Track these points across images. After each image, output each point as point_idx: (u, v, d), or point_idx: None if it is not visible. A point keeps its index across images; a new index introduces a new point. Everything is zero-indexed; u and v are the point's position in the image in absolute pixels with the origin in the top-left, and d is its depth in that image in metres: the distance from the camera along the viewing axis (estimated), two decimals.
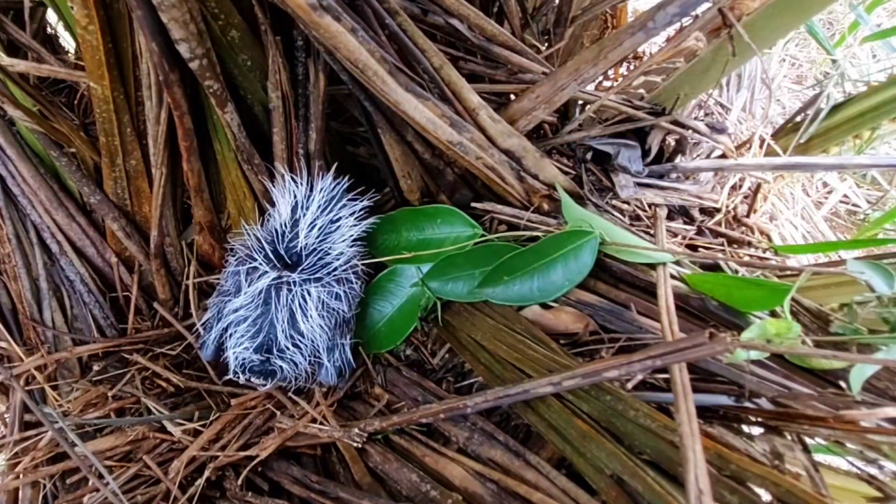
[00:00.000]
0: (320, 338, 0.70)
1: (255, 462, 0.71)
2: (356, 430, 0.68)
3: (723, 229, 0.93)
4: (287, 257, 0.71)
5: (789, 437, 0.55)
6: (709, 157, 1.03)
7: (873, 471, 0.51)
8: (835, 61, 1.29)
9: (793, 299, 0.62)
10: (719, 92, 1.20)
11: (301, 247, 0.70)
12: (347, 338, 0.74)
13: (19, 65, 0.75)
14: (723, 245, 0.91)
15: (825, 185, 1.55)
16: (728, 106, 1.19)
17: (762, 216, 1.01)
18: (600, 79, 1.19)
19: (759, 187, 0.99)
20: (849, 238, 1.44)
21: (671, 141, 0.93)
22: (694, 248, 0.88)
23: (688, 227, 0.91)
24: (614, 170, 0.87)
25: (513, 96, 0.86)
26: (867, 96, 0.91)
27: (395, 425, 0.67)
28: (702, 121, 0.94)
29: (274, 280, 0.69)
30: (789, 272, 0.79)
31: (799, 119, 1.01)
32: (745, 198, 1.00)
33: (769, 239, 0.97)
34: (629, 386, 0.62)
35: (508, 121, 0.77)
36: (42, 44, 0.86)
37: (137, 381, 0.84)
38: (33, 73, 0.81)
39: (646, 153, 0.89)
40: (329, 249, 0.71)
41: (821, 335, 0.62)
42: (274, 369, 0.71)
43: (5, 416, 0.83)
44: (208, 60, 0.66)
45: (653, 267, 0.68)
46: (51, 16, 0.93)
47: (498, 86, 0.84)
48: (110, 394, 0.82)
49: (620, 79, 1.23)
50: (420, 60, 0.71)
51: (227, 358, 0.71)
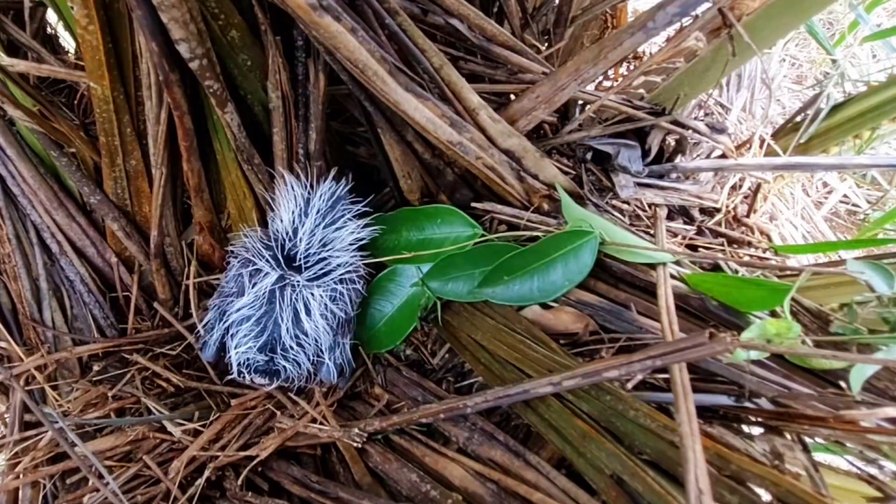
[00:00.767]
0: (323, 337, 0.70)
1: (255, 462, 0.71)
2: (356, 430, 0.68)
3: (723, 229, 0.93)
4: (290, 260, 0.71)
5: (789, 437, 0.55)
6: (709, 157, 1.03)
7: (873, 471, 0.51)
8: (835, 61, 1.29)
9: (793, 299, 0.62)
10: (719, 92, 1.20)
11: (301, 253, 0.71)
12: (348, 337, 0.74)
13: (19, 65, 0.74)
14: (723, 245, 0.91)
15: (825, 185, 1.55)
16: (728, 106, 1.19)
17: (762, 216, 1.01)
18: (600, 79, 1.19)
19: (759, 187, 0.99)
20: (849, 238, 1.44)
21: (671, 141, 0.93)
22: (694, 248, 0.88)
23: (688, 227, 0.91)
24: (614, 170, 0.87)
25: (513, 96, 0.86)
26: (867, 96, 0.91)
27: (395, 425, 0.67)
28: (702, 121, 0.94)
29: (277, 282, 0.69)
30: (789, 272, 0.79)
31: (799, 119, 1.01)
32: (745, 198, 1.00)
33: (769, 239, 0.97)
34: (629, 386, 0.62)
35: (508, 121, 0.77)
36: (42, 44, 0.86)
37: (137, 381, 0.84)
38: (33, 73, 0.81)
39: (646, 153, 0.89)
40: (330, 256, 0.72)
41: (821, 335, 0.62)
42: (277, 369, 0.71)
43: (5, 416, 0.83)
44: (208, 60, 0.66)
45: (653, 267, 0.68)
46: (51, 16, 0.93)
47: (498, 86, 0.84)
48: (110, 394, 0.82)
49: (620, 79, 1.23)
50: (420, 60, 0.71)
51: (229, 359, 0.71)
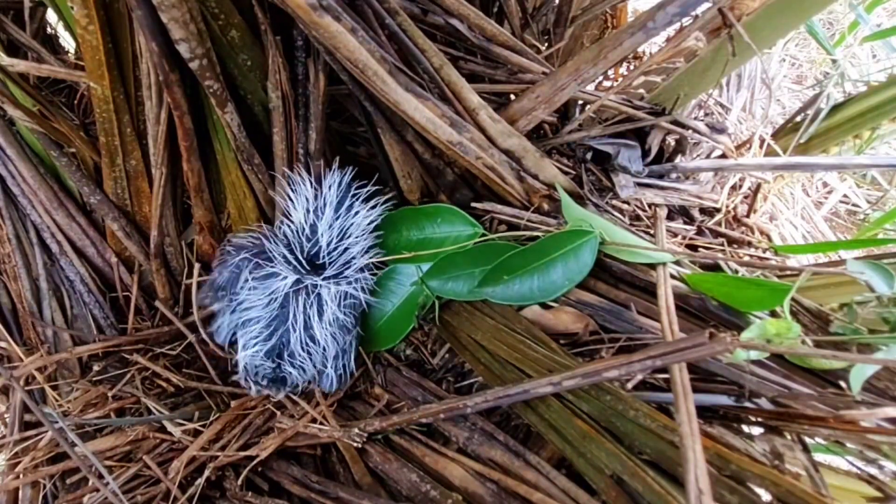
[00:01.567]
0: (331, 345, 0.70)
1: (255, 462, 0.71)
2: (356, 430, 0.68)
3: (723, 229, 0.93)
4: (307, 260, 0.71)
5: (789, 437, 0.55)
6: (709, 157, 1.03)
7: (873, 471, 0.51)
8: (835, 61, 1.29)
9: (793, 299, 0.62)
10: (719, 92, 1.20)
11: (322, 246, 0.71)
12: (354, 344, 0.74)
13: (19, 65, 0.74)
14: (723, 245, 0.91)
15: (825, 185, 1.55)
16: (728, 106, 1.19)
17: (762, 216, 1.01)
18: (600, 79, 1.19)
19: (759, 187, 0.99)
20: (849, 238, 1.44)
21: (671, 141, 0.93)
22: (694, 248, 0.88)
23: (688, 227, 0.91)
24: (614, 170, 0.87)
25: (513, 96, 0.86)
26: (867, 96, 0.91)
27: (395, 425, 0.67)
28: (702, 121, 0.94)
29: (294, 285, 0.69)
30: (789, 272, 0.79)
31: (799, 119, 1.01)
32: (745, 198, 1.00)
33: (769, 239, 0.97)
34: (629, 386, 0.62)
35: (508, 121, 0.77)
36: (42, 44, 0.86)
37: (137, 381, 0.84)
38: (33, 73, 0.81)
39: (646, 153, 0.89)
40: (349, 244, 0.72)
41: (821, 335, 0.62)
42: (284, 375, 0.71)
43: (5, 416, 0.83)
44: (208, 60, 0.66)
45: (653, 267, 0.68)
46: (51, 16, 0.93)
47: (498, 86, 0.84)
48: (110, 394, 0.82)
49: (620, 79, 1.23)
50: (420, 60, 0.71)
51: (235, 360, 0.72)
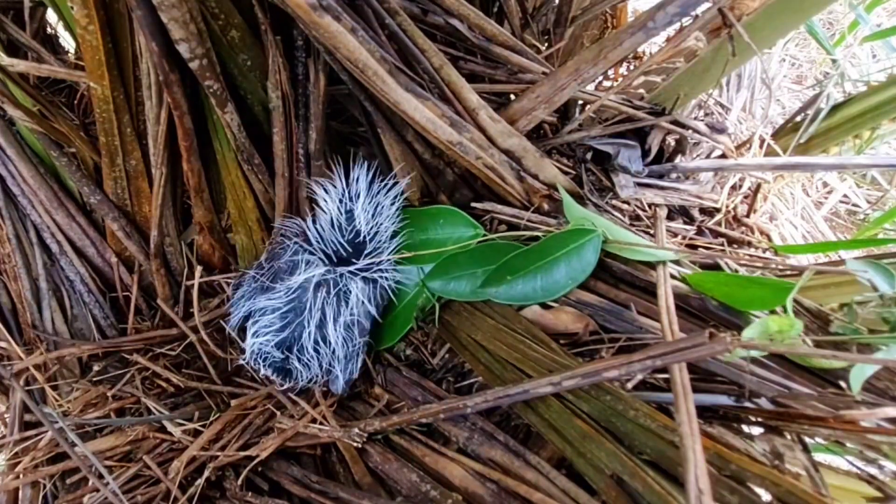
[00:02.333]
0: (342, 348, 0.71)
1: (255, 462, 0.71)
2: (356, 430, 0.68)
3: (723, 229, 0.93)
4: (336, 253, 0.73)
5: (789, 437, 0.55)
6: (709, 157, 1.03)
7: (873, 471, 0.51)
8: (835, 61, 1.29)
9: (793, 299, 0.62)
10: (719, 92, 1.20)
11: (362, 227, 0.73)
12: (363, 349, 0.74)
13: (19, 65, 0.75)
14: (723, 245, 0.91)
15: (825, 185, 1.55)
16: (728, 106, 1.19)
17: (762, 216, 1.01)
18: (600, 79, 1.19)
19: (759, 187, 0.99)
20: (849, 238, 1.44)
21: (671, 141, 0.93)
22: (694, 248, 0.88)
23: (688, 227, 0.91)
24: (614, 170, 0.87)
25: (513, 96, 0.86)
26: (867, 96, 0.91)
27: (395, 425, 0.67)
28: (702, 121, 0.94)
29: (323, 274, 0.70)
30: (788, 272, 0.79)
31: (799, 119, 1.01)
32: (745, 198, 1.00)
33: (769, 239, 0.97)
34: (629, 386, 0.62)
35: (508, 121, 0.78)
36: (42, 44, 0.86)
37: (137, 381, 0.84)
38: (33, 73, 0.81)
39: (646, 153, 0.89)
40: (382, 224, 0.75)
41: (821, 335, 0.62)
42: (290, 369, 0.71)
43: (5, 416, 0.83)
44: (208, 60, 0.66)
45: (653, 267, 0.68)
46: (51, 16, 0.93)
47: (498, 86, 0.84)
48: (110, 394, 0.82)
49: (620, 79, 1.23)
50: (420, 60, 0.71)
51: (245, 344, 0.72)
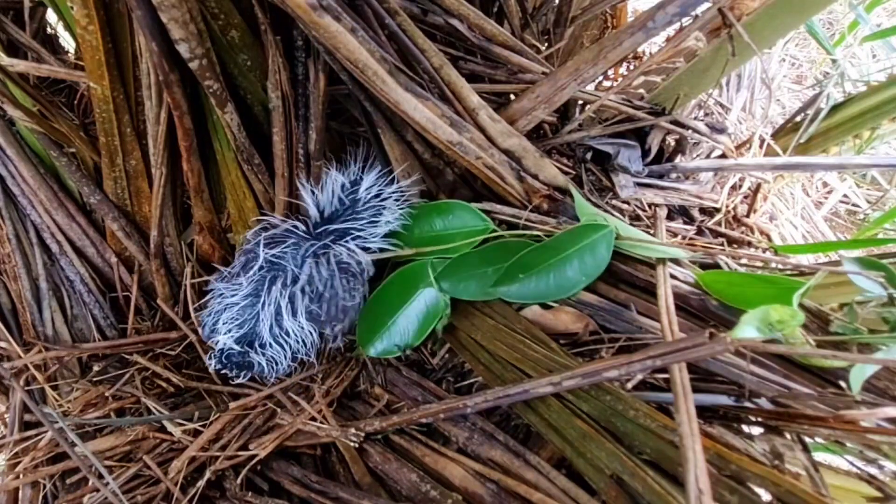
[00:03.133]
0: (308, 337, 0.71)
1: (255, 461, 0.71)
2: (353, 430, 0.68)
3: (723, 229, 0.93)
4: (338, 212, 0.74)
5: (789, 437, 0.55)
6: (709, 157, 1.03)
7: (873, 471, 0.51)
8: (835, 61, 1.29)
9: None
10: (719, 92, 1.20)
11: (360, 197, 0.74)
12: (340, 327, 0.74)
13: (19, 65, 0.75)
14: (723, 245, 0.91)
15: (825, 185, 1.55)
16: (728, 106, 1.19)
17: (762, 216, 1.01)
18: (600, 79, 1.19)
19: (759, 187, 0.99)
20: (849, 238, 1.44)
21: (671, 141, 0.93)
22: (693, 248, 0.88)
23: (688, 227, 0.91)
24: (614, 170, 0.87)
25: (513, 96, 0.86)
26: (867, 96, 0.91)
27: (395, 425, 0.67)
28: (702, 121, 0.94)
29: (296, 245, 0.71)
30: (789, 272, 0.79)
31: (799, 119, 1.01)
32: (745, 198, 1.00)
33: (769, 239, 0.97)
34: (629, 386, 0.62)
35: (508, 121, 0.77)
36: (42, 44, 0.86)
37: (137, 381, 0.84)
38: (33, 73, 0.81)
39: (646, 153, 0.89)
40: (382, 209, 0.74)
41: (821, 335, 0.62)
42: (252, 362, 0.71)
43: (5, 416, 0.83)
44: (208, 60, 0.66)
45: (653, 266, 0.68)
46: (51, 16, 0.93)
47: (498, 86, 0.84)
48: (110, 394, 0.82)
49: (620, 79, 1.23)
50: (420, 60, 0.71)
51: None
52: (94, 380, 0.85)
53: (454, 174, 0.83)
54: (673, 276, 0.67)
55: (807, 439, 0.54)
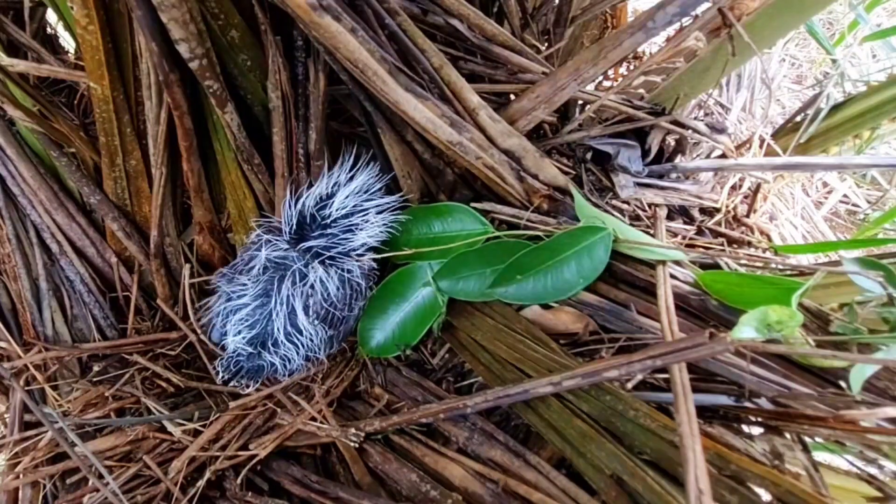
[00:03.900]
0: (317, 336, 0.71)
1: (255, 461, 0.71)
2: (353, 430, 0.68)
3: (723, 229, 0.93)
4: (310, 228, 0.71)
5: (789, 437, 0.55)
6: (709, 157, 1.03)
7: (873, 471, 0.51)
8: (835, 61, 1.29)
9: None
10: (719, 92, 1.20)
11: (330, 213, 0.71)
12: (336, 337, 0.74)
13: (19, 65, 0.75)
14: (722, 245, 0.91)
15: (825, 185, 1.55)
16: (728, 106, 1.19)
17: (762, 216, 1.01)
18: (600, 79, 1.19)
19: (759, 187, 0.99)
20: (849, 238, 1.44)
21: (671, 141, 0.93)
22: (693, 248, 0.88)
23: (688, 227, 0.91)
24: (614, 170, 0.87)
25: (513, 96, 0.86)
26: (867, 96, 0.91)
27: (395, 425, 0.67)
28: (702, 121, 0.94)
29: (282, 255, 0.69)
30: (789, 272, 0.79)
31: (799, 119, 1.01)
32: (745, 198, 1.00)
33: (769, 239, 0.97)
34: (629, 386, 0.62)
35: (508, 121, 0.77)
36: (42, 44, 0.86)
37: (137, 381, 0.84)
38: (33, 73, 0.81)
39: (646, 153, 0.89)
40: (355, 228, 0.72)
41: (821, 335, 0.62)
42: (262, 366, 0.71)
43: (5, 416, 0.83)
44: (208, 60, 0.66)
45: (653, 266, 0.68)
46: (51, 16, 0.93)
47: (498, 86, 0.84)
48: (110, 394, 0.82)
49: (620, 79, 1.23)
50: (420, 60, 0.71)
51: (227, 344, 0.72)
52: (94, 380, 0.85)
53: (454, 174, 0.83)
54: (673, 277, 0.67)
55: (807, 439, 0.54)
